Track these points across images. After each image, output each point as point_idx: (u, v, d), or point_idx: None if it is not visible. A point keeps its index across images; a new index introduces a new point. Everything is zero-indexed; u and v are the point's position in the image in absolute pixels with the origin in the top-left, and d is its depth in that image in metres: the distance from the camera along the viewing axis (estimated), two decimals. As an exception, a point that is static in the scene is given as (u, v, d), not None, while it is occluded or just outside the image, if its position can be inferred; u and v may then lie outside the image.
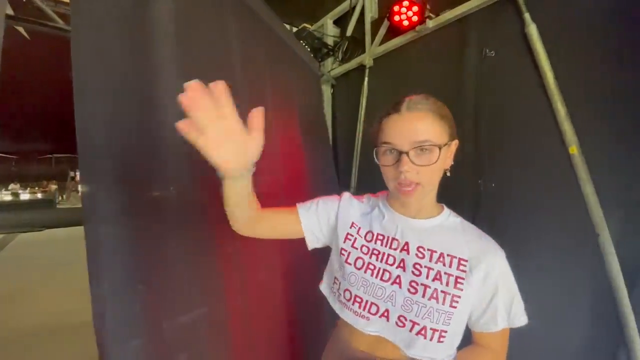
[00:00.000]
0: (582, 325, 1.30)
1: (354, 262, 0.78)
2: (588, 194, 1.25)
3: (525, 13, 1.39)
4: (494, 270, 0.75)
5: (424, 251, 0.76)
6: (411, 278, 0.73)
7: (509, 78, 1.51)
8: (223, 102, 0.54)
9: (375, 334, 0.74)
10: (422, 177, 0.71)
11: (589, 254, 1.26)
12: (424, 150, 0.70)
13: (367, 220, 0.84)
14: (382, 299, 0.74)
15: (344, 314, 0.78)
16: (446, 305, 0.70)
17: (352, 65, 2.37)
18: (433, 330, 0.69)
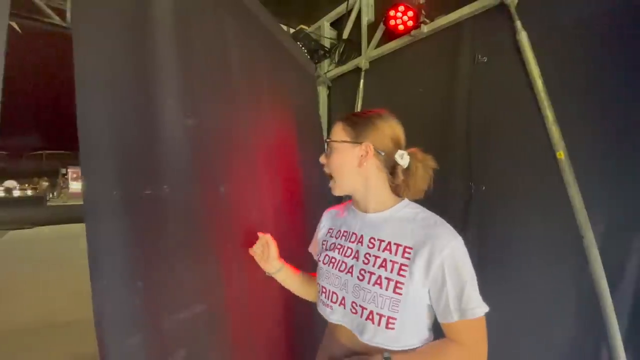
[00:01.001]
0: (566, 324, 1.34)
1: (323, 260, 0.90)
2: (574, 197, 1.29)
3: (517, 21, 1.43)
4: (439, 256, 0.73)
5: (375, 241, 0.82)
6: (361, 266, 0.80)
7: (500, 84, 1.55)
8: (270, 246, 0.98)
9: (338, 322, 0.82)
10: (332, 170, 0.86)
11: (573, 255, 1.30)
12: (330, 148, 0.87)
13: (340, 222, 0.94)
14: (338, 287, 0.82)
15: (319, 307, 0.88)
16: (389, 291, 0.74)
17: (348, 67, 2.40)
18: (379, 315, 0.73)
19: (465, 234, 1.63)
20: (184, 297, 0.88)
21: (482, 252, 1.61)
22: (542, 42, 1.39)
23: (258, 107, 1.46)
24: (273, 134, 1.56)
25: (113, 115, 0.75)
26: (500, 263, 1.55)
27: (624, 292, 1.22)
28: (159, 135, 0.87)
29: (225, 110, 1.23)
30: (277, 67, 1.75)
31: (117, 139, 0.75)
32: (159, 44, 0.91)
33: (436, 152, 1.78)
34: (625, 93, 1.20)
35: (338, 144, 0.85)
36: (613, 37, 1.23)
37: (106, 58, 0.75)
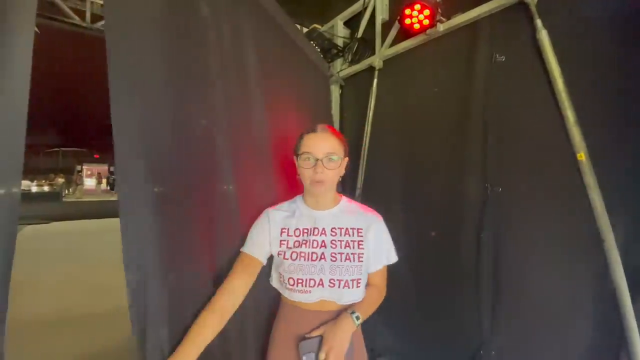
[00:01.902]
0: (586, 329, 1.31)
1: (290, 257, 1.03)
2: (595, 200, 1.26)
3: (537, 19, 1.40)
4: (377, 231, 1.08)
5: (335, 230, 1.06)
6: (331, 251, 1.03)
7: (518, 83, 1.52)
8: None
9: (318, 299, 1.01)
10: (327, 177, 1.01)
11: (594, 260, 1.27)
12: (332, 158, 1.01)
13: (292, 221, 1.08)
14: (315, 274, 1.01)
15: (293, 296, 1.03)
16: (356, 262, 1.03)
17: (361, 66, 2.39)
18: (353, 281, 1.01)
19: (480, 236, 1.63)
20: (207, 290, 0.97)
21: (498, 254, 1.59)
22: (563, 41, 1.36)
23: (273, 106, 1.47)
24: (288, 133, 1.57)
25: (143, 118, 0.80)
26: (516, 266, 1.52)
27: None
28: (185, 136, 0.90)
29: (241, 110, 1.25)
30: (292, 66, 1.76)
31: (147, 140, 0.80)
32: (182, 46, 0.93)
33: (451, 153, 1.79)
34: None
35: (339, 160, 1.03)
36: (636, 37, 1.20)
37: (137, 61, 0.79)
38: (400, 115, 2.15)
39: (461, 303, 1.70)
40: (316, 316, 1.02)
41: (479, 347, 1.63)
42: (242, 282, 1.00)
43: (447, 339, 1.39)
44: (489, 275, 1.60)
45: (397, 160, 2.13)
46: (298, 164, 1.05)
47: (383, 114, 2.27)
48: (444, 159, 1.81)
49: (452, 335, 1.68)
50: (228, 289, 0.97)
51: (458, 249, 1.72)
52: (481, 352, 1.62)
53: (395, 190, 2.13)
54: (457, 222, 1.73)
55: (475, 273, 1.63)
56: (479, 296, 1.64)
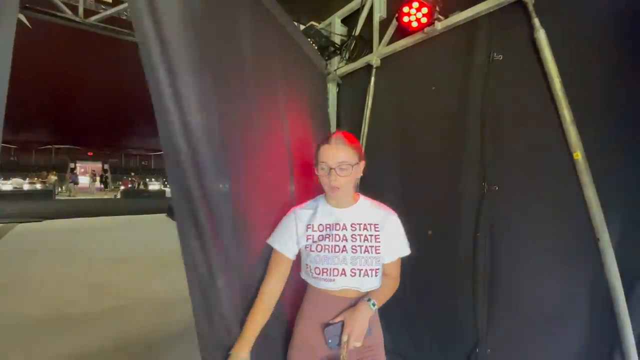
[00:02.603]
0: (580, 327, 1.33)
1: (315, 249, 1.16)
2: (590, 199, 1.27)
3: (535, 18, 1.41)
4: (391, 225, 1.20)
5: (355, 225, 1.18)
6: (352, 244, 1.15)
7: (515, 82, 1.53)
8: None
9: (342, 287, 1.14)
10: (342, 183, 1.12)
11: (588, 258, 1.28)
12: (343, 167, 1.11)
13: (315, 217, 1.21)
14: (338, 264, 1.13)
15: (319, 284, 1.16)
16: (373, 253, 1.14)
17: (359, 64, 2.38)
18: (372, 270, 1.13)
19: (476, 235, 1.64)
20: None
21: (494, 253, 1.59)
22: (561, 40, 1.37)
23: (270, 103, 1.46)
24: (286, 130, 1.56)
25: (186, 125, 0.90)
26: (512, 265, 1.53)
27: (638, 296, 1.20)
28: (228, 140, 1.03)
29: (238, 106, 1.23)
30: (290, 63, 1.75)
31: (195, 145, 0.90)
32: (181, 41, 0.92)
33: (448, 152, 1.79)
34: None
35: (350, 167, 1.13)
36: (634, 37, 1.20)
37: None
38: (397, 113, 2.14)
39: (457, 301, 1.70)
40: (339, 302, 1.15)
41: (475, 346, 1.64)
42: (276, 284, 1.18)
43: (444, 337, 1.39)
44: (485, 274, 1.61)
45: (394, 158, 2.13)
46: (317, 172, 1.17)
47: (380, 113, 2.27)
48: (441, 158, 1.81)
49: (449, 333, 1.68)
50: (266, 293, 1.15)
51: (454, 248, 1.72)
52: (477, 350, 1.63)
53: (392, 188, 2.12)
54: (454, 221, 1.73)
55: (472, 271, 1.64)
56: (475, 295, 1.64)
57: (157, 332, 2.88)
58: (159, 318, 3.19)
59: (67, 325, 3.02)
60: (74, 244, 6.49)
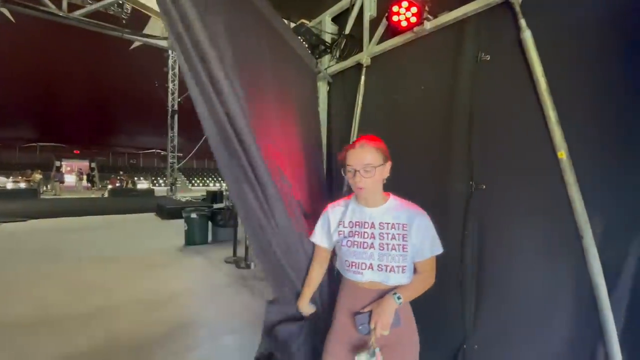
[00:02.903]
0: (564, 323, 1.35)
1: (346, 244, 1.29)
2: (574, 198, 1.29)
3: (521, 19, 1.42)
4: (421, 225, 1.25)
5: (384, 224, 1.27)
6: (380, 241, 1.25)
7: (502, 82, 1.55)
8: None
9: (368, 280, 1.25)
10: (367, 184, 1.23)
11: (572, 256, 1.31)
12: (367, 170, 1.21)
13: (347, 215, 1.34)
14: (366, 259, 1.25)
15: (348, 275, 1.31)
16: (400, 251, 1.22)
17: (349, 63, 2.38)
18: (398, 267, 1.22)
19: (464, 233, 1.65)
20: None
21: (481, 250, 1.61)
22: (547, 41, 1.39)
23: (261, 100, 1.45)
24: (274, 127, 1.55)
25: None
26: (499, 262, 1.55)
27: (621, 293, 1.23)
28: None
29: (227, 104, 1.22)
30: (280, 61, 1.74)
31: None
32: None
33: (437, 150, 1.80)
34: (628, 94, 1.20)
35: (373, 169, 1.22)
36: (618, 38, 1.23)
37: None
38: (387, 112, 2.15)
39: (445, 299, 1.72)
40: (368, 293, 1.27)
41: (463, 341, 1.66)
42: (318, 271, 1.45)
43: (431, 334, 1.41)
44: (472, 272, 1.63)
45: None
46: (345, 172, 1.29)
47: (371, 111, 2.27)
48: (429, 157, 1.82)
49: (436, 330, 1.70)
50: (311, 278, 1.44)
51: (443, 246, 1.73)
52: (464, 346, 1.65)
53: (381, 187, 2.13)
54: (442, 220, 1.73)
55: (460, 269, 1.66)
56: (462, 292, 1.67)
57: (145, 332, 2.83)
58: (147, 318, 3.14)
59: (52, 326, 2.95)
60: (59, 244, 6.35)
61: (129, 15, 2.64)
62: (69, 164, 27.08)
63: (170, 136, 16.26)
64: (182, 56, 1.09)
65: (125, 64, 7.45)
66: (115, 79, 19.25)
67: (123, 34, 2.38)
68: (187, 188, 26.95)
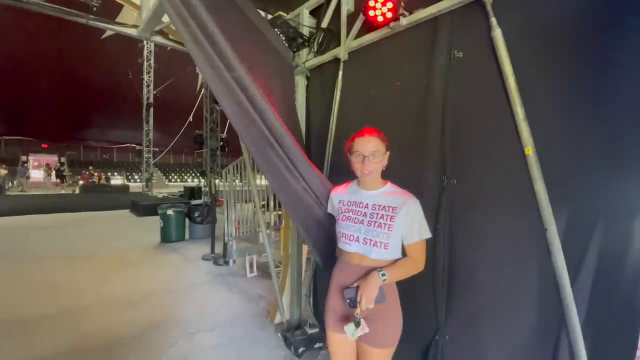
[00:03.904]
0: (530, 311, 1.40)
1: (341, 219, 1.51)
2: (539, 192, 1.34)
3: (492, 17, 1.45)
4: (409, 210, 1.38)
5: (376, 206, 1.44)
6: (369, 219, 1.42)
7: (474, 79, 1.57)
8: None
9: (355, 251, 1.43)
10: (373, 168, 1.41)
11: (538, 248, 1.36)
12: (375, 155, 1.40)
13: (348, 195, 1.56)
14: (354, 231, 1.44)
15: (340, 244, 1.51)
16: (385, 229, 1.37)
17: (327, 57, 2.36)
18: (381, 243, 1.37)
19: (436, 225, 1.68)
20: None
21: (452, 242, 1.65)
22: (517, 39, 1.42)
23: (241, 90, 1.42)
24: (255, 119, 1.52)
25: None
26: (469, 256, 1.60)
27: (583, 284, 1.28)
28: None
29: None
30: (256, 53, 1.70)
31: None
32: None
33: (411, 145, 1.82)
34: (594, 91, 1.24)
35: (380, 155, 1.41)
36: (586, 37, 1.26)
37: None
38: (364, 107, 2.15)
39: (418, 291, 1.75)
40: (356, 269, 1.42)
41: (435, 332, 1.70)
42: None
43: (405, 325, 1.43)
44: (444, 265, 1.67)
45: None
46: (352, 160, 1.45)
47: (348, 106, 2.27)
48: (404, 151, 1.84)
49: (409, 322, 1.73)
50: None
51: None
52: (437, 337, 1.69)
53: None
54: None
55: (432, 262, 1.69)
56: (434, 284, 1.70)
57: (117, 333, 2.74)
58: (119, 318, 3.04)
59: (17, 328, 2.81)
60: (25, 243, 6.03)
61: (100, 3, 2.50)
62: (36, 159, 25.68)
63: (146, 130, 15.74)
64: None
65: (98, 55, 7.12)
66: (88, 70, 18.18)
67: (88, 20, 2.25)
68: (164, 184, 26.16)
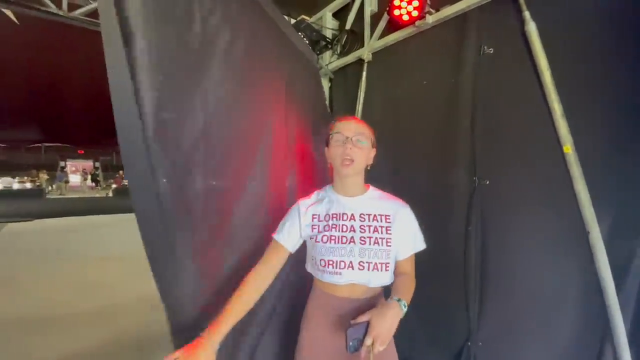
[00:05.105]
0: (571, 320, 1.33)
1: (321, 240, 1.09)
2: (580, 193, 1.27)
3: (525, 11, 1.40)
4: (404, 217, 1.14)
5: (364, 215, 1.11)
6: (360, 235, 1.08)
7: (506, 75, 1.52)
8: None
9: (348, 282, 1.06)
10: (356, 156, 1.07)
11: (579, 251, 1.29)
12: (360, 139, 1.08)
13: (322, 207, 1.16)
14: (345, 256, 1.06)
15: (324, 278, 1.09)
16: (384, 246, 1.07)
17: (350, 59, 2.36)
18: (381, 264, 1.06)
19: (467, 229, 1.63)
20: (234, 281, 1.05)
21: (485, 247, 1.59)
22: (551, 33, 1.36)
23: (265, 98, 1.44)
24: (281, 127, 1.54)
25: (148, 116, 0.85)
26: (503, 259, 1.53)
27: (629, 289, 1.21)
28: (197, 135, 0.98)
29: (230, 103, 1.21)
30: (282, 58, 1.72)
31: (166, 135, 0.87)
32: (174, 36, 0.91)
33: (440, 145, 1.78)
34: (635, 87, 1.18)
35: (367, 144, 1.11)
36: (625, 30, 1.20)
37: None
38: (389, 108, 2.13)
39: (449, 295, 1.70)
40: (346, 302, 1.08)
41: (467, 339, 1.65)
42: (268, 269, 1.10)
43: (435, 331, 1.39)
44: (477, 268, 1.61)
45: (386, 152, 2.11)
46: (330, 146, 1.13)
47: (372, 107, 2.25)
48: (432, 152, 1.80)
49: (440, 327, 1.69)
50: (253, 276, 1.07)
51: (446, 242, 1.72)
52: (469, 343, 1.63)
53: (383, 182, 2.10)
54: (445, 215, 1.73)
55: (463, 265, 1.64)
56: (466, 288, 1.65)
57: (148, 331, 2.85)
58: (150, 317, 3.16)
59: (56, 326, 2.98)
60: (64, 243, 6.41)
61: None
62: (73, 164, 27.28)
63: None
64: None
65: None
66: (118, 79, 19.24)
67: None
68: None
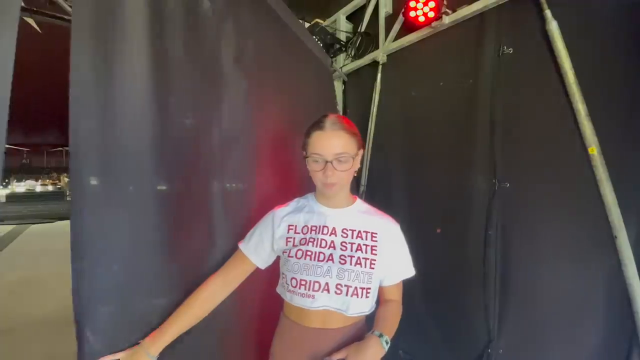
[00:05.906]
0: (596, 327, 1.29)
1: (295, 255, 0.94)
2: (606, 196, 1.23)
3: (547, 10, 1.36)
4: (394, 240, 1.00)
5: (347, 231, 0.97)
6: (340, 253, 0.94)
7: (526, 76, 1.49)
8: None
9: (322, 308, 0.91)
10: (340, 178, 0.92)
11: (605, 256, 1.25)
12: (342, 160, 0.91)
13: (300, 218, 1.01)
14: (321, 276, 0.91)
15: (294, 300, 0.94)
16: (367, 268, 0.93)
17: (365, 61, 2.35)
18: (361, 289, 0.91)
19: (487, 233, 1.60)
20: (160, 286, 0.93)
21: (505, 252, 1.56)
22: (574, 32, 1.32)
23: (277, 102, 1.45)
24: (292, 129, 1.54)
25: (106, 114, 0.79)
26: (524, 264, 1.50)
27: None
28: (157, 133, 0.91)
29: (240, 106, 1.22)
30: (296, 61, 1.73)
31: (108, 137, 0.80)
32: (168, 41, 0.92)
33: (457, 148, 1.76)
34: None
35: (350, 159, 0.93)
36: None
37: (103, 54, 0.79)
38: (405, 110, 2.11)
39: (468, 300, 1.67)
40: (318, 335, 0.93)
41: (487, 346, 1.61)
42: (226, 282, 0.99)
43: (453, 337, 1.37)
44: (496, 273, 1.58)
45: (402, 155, 2.10)
46: (308, 165, 0.95)
47: (387, 110, 2.24)
48: (450, 154, 1.78)
49: (459, 332, 1.66)
50: (207, 286, 0.96)
51: (464, 246, 1.69)
52: (489, 350, 1.60)
53: (400, 186, 2.10)
54: (464, 219, 1.70)
55: (482, 270, 1.61)
56: (486, 294, 1.61)
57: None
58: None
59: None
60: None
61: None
62: (93, 167, 28.08)
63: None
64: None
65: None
66: (135, 84, 19.61)
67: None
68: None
